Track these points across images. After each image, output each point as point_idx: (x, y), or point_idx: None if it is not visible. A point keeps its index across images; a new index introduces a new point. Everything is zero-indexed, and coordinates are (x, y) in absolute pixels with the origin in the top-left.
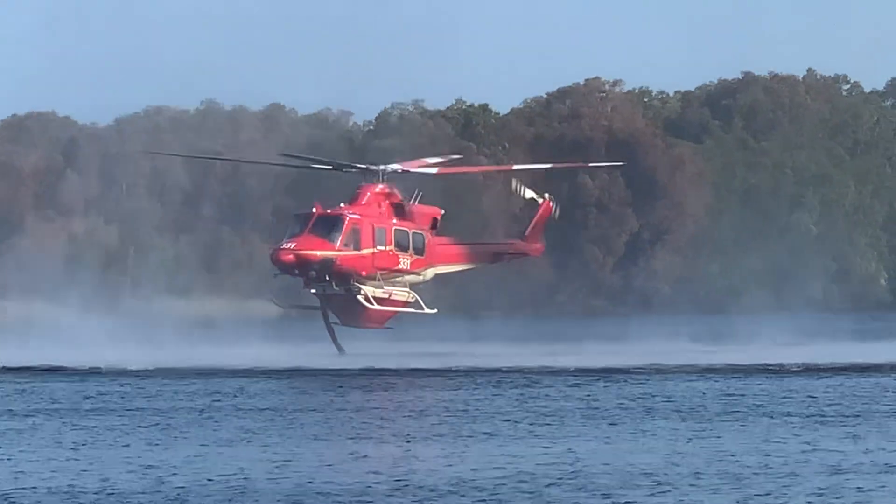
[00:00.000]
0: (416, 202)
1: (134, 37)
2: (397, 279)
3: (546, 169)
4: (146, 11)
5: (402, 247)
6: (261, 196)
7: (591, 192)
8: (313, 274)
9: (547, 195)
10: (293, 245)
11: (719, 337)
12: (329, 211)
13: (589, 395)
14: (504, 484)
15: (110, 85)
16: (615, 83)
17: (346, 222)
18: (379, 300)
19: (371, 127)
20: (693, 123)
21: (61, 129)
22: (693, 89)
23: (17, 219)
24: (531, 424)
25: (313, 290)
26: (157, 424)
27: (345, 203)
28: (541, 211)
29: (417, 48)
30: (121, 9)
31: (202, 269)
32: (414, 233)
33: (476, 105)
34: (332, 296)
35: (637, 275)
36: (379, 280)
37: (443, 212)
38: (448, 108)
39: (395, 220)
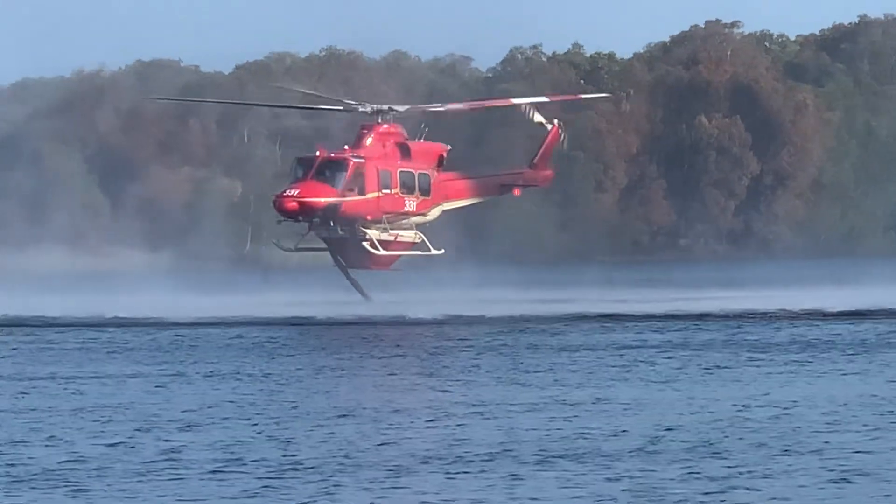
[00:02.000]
0: (423, 139)
1: None
2: (403, 221)
3: (544, 103)
4: None
5: (407, 189)
6: None
7: (710, 134)
8: (317, 220)
9: (556, 121)
10: (296, 191)
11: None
12: (333, 154)
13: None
14: None
15: (232, 33)
16: (734, 24)
17: (350, 166)
18: (385, 243)
19: (489, 74)
20: (812, 67)
21: (183, 76)
22: (817, 32)
23: (140, 165)
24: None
25: (320, 235)
26: None
27: (348, 145)
28: (549, 138)
29: None
30: None
31: None
32: (420, 173)
33: (603, 53)
34: (338, 239)
35: (758, 219)
36: (384, 223)
37: (449, 148)
38: (567, 52)
39: (399, 162)
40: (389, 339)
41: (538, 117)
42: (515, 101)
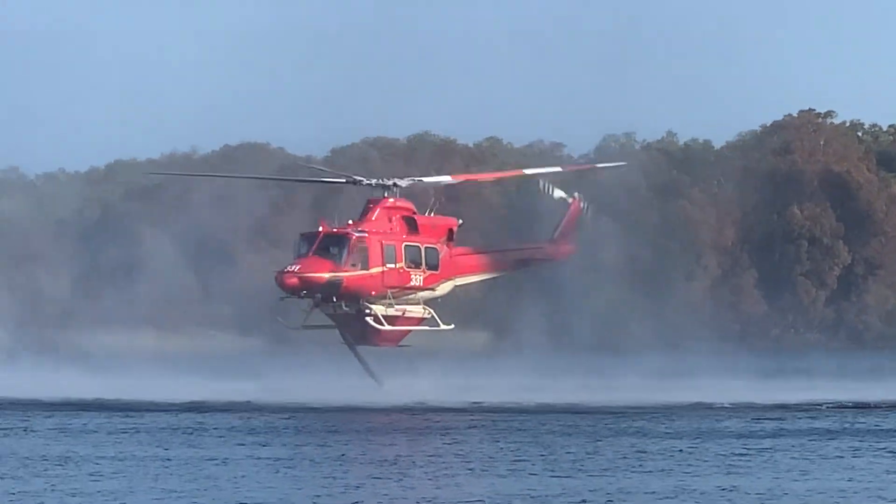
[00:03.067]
0: (432, 213)
1: (348, 68)
2: (410, 296)
3: (556, 173)
4: (359, 42)
5: (414, 263)
6: (476, 227)
7: (801, 224)
8: (319, 296)
9: (577, 194)
10: (297, 267)
11: None
12: (335, 230)
13: None
14: None
15: (326, 116)
16: (827, 114)
17: (353, 241)
18: (391, 319)
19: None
20: None
21: (276, 159)
22: None
23: (231, 250)
24: None
25: (325, 311)
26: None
27: (353, 220)
28: (570, 211)
29: (630, 80)
30: (335, 38)
31: None
32: (427, 247)
33: (698, 140)
34: (343, 315)
35: (849, 309)
36: (390, 299)
37: (460, 222)
38: (660, 140)
39: (405, 236)
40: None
41: (558, 193)
42: (527, 171)
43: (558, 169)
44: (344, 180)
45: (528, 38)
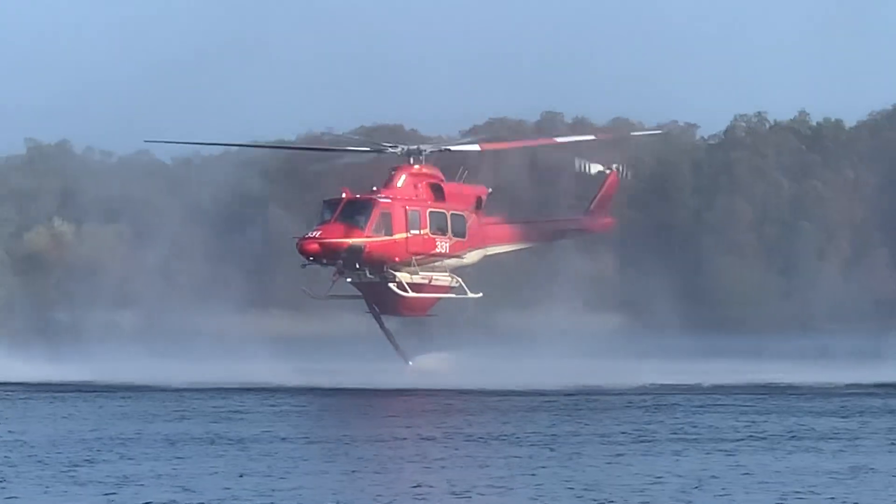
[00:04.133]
0: (462, 181)
1: (479, 42)
2: (436, 264)
3: (589, 140)
4: (488, 15)
5: (439, 230)
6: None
7: None
8: (341, 262)
9: (615, 166)
10: (318, 233)
11: None
12: (358, 196)
13: None
14: None
15: (455, 97)
16: None
17: (376, 207)
18: (416, 287)
19: (713, 142)
20: None
21: (410, 139)
22: None
23: None
24: None
25: (349, 279)
26: None
27: (378, 186)
28: (606, 184)
29: (759, 60)
30: (470, 14)
31: (536, 283)
32: (453, 214)
33: (831, 119)
34: (368, 284)
35: None
36: (414, 266)
37: (489, 190)
38: (792, 119)
39: (431, 202)
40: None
41: (595, 167)
42: (559, 139)
43: (591, 137)
44: (369, 149)
45: (657, 15)
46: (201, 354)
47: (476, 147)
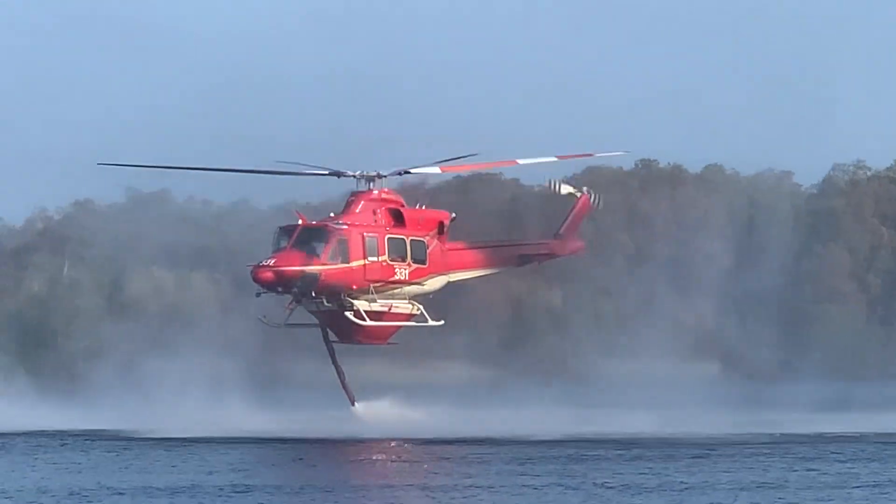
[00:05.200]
0: (423, 206)
1: (571, 92)
2: (395, 291)
3: (551, 161)
4: (578, 56)
5: (398, 256)
6: (707, 258)
7: None
8: (296, 291)
9: (585, 188)
10: (273, 261)
11: None
12: (314, 222)
13: None
14: None
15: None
16: None
17: (332, 234)
18: (375, 315)
19: (814, 190)
20: None
21: (504, 190)
22: None
23: None
24: None
25: (307, 308)
26: None
27: (336, 213)
28: (578, 206)
29: (857, 107)
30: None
31: (635, 331)
32: (413, 240)
33: None
34: (326, 312)
35: None
36: (373, 293)
37: (453, 215)
38: (888, 168)
39: (389, 228)
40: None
41: (566, 188)
42: (521, 161)
43: (553, 159)
44: (327, 173)
45: (754, 64)
46: (296, 402)
47: (437, 170)
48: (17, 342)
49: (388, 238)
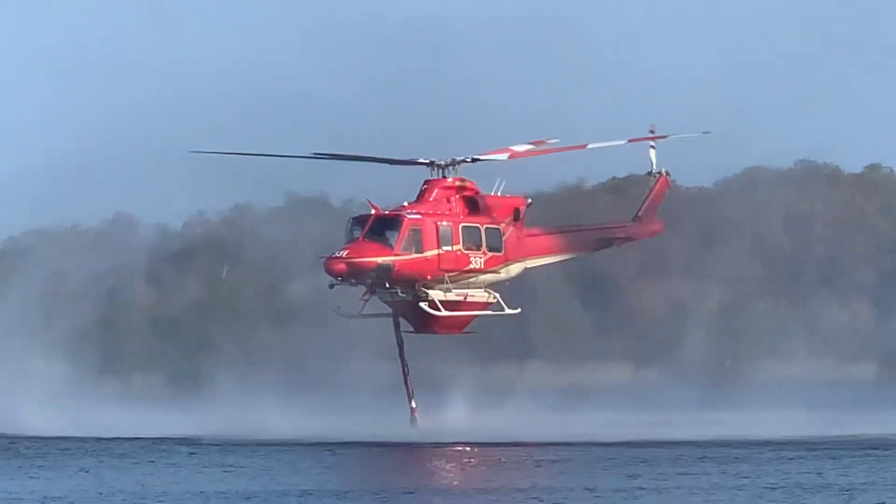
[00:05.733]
0: (499, 192)
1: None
2: (471, 280)
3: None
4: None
5: (473, 245)
6: (863, 258)
7: None
8: (369, 282)
9: (664, 170)
10: (346, 252)
11: None
12: (387, 213)
13: None
14: None
15: (710, 149)
16: None
17: (405, 223)
18: (450, 304)
19: None
20: None
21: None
22: None
23: (618, 280)
24: None
25: (382, 298)
26: None
27: (409, 201)
28: (656, 188)
29: None
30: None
31: (805, 332)
32: (488, 228)
33: None
34: (400, 303)
35: None
36: (447, 283)
37: (529, 201)
38: None
39: (464, 217)
40: None
41: (656, 166)
42: (591, 146)
43: (623, 142)
44: (399, 161)
45: None
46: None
47: (505, 156)
48: (177, 346)
49: (463, 226)
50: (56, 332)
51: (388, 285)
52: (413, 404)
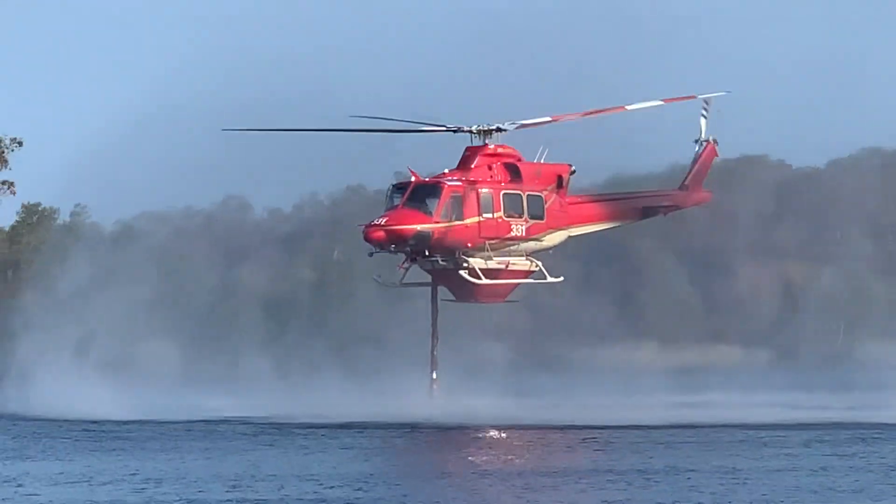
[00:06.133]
0: (542, 159)
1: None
2: (512, 248)
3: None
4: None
5: (514, 212)
6: None
7: None
8: (409, 250)
9: (712, 137)
10: (385, 220)
11: None
12: (427, 180)
13: None
14: None
15: (822, 126)
16: None
17: (445, 190)
18: (491, 272)
19: None
20: None
21: (777, 171)
22: None
23: (731, 263)
24: None
25: (422, 266)
26: None
27: (450, 169)
28: (703, 155)
29: None
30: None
31: None
32: (530, 195)
33: None
34: (442, 271)
35: None
36: (488, 251)
37: (573, 168)
38: None
39: (505, 184)
40: None
41: (705, 133)
42: (629, 107)
43: (659, 102)
44: (443, 129)
45: None
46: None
47: (548, 119)
48: (289, 328)
49: (504, 194)
50: (167, 314)
51: (427, 253)
52: (434, 376)
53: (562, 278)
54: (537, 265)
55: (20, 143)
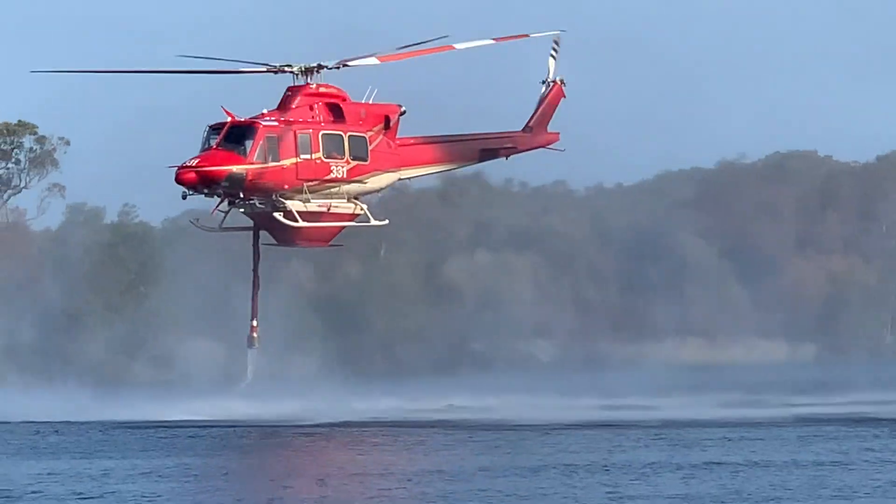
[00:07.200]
0: (371, 100)
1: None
2: (333, 190)
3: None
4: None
5: (335, 153)
6: None
7: None
8: (221, 192)
9: (559, 78)
10: (196, 161)
11: None
12: (242, 120)
13: None
14: None
15: (870, 122)
16: None
17: (259, 131)
18: (310, 215)
19: None
20: None
21: (819, 167)
22: None
23: (777, 257)
24: None
25: (241, 210)
26: None
27: (269, 109)
28: (549, 96)
29: None
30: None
31: None
32: (352, 136)
33: None
34: (260, 214)
35: None
36: (306, 193)
37: (402, 108)
38: None
39: (325, 125)
40: None
41: (553, 73)
42: (457, 46)
43: (490, 41)
44: (265, 69)
45: None
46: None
47: (374, 60)
48: (333, 326)
49: (323, 134)
50: (210, 311)
51: (242, 196)
52: (254, 323)
53: (387, 221)
54: (362, 208)
55: (68, 143)
